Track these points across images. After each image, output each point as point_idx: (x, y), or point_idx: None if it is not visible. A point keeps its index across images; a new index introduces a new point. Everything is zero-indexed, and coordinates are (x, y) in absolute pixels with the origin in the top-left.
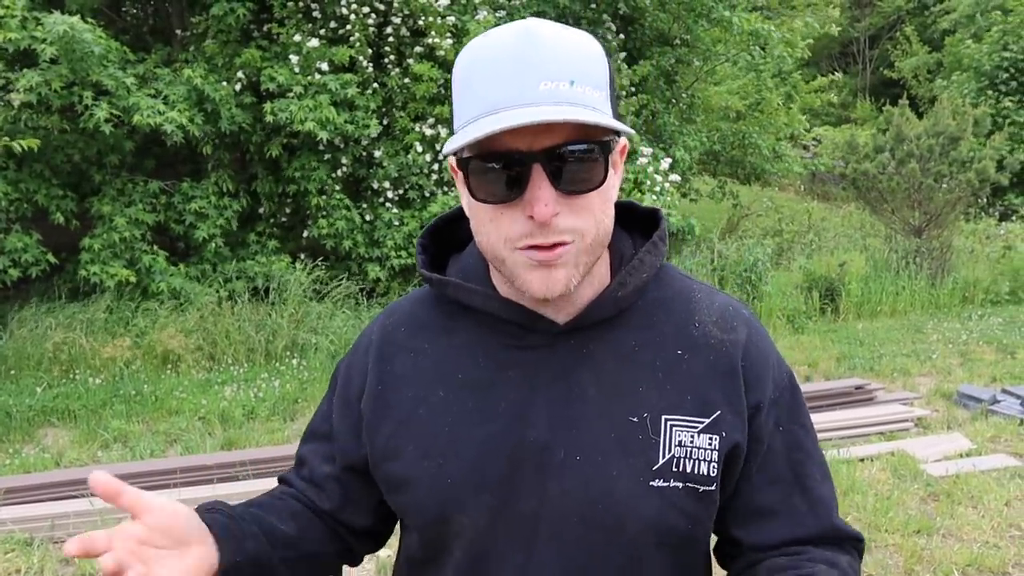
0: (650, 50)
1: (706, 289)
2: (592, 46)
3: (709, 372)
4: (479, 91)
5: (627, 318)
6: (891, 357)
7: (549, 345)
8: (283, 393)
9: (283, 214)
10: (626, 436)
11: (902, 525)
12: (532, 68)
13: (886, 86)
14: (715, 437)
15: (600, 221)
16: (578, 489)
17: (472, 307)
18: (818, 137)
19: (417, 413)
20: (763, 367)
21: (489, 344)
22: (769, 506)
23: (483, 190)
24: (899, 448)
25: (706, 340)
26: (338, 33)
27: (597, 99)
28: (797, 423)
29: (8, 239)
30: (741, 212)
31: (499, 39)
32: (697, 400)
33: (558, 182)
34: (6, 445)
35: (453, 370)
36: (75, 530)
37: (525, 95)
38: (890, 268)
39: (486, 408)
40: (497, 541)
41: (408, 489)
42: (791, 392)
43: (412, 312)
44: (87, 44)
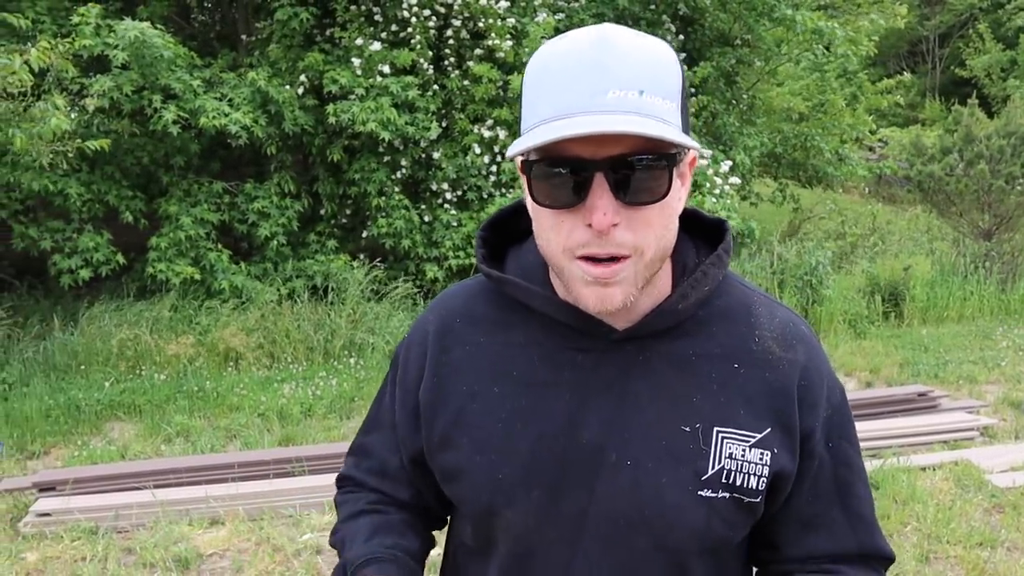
0: (710, 51)
1: (766, 301)
2: (666, 55)
3: (765, 389)
4: (549, 94)
5: (685, 328)
6: (957, 364)
7: (606, 350)
8: (340, 392)
9: (343, 215)
10: (677, 444)
11: (964, 537)
12: (603, 75)
13: (957, 85)
14: (766, 453)
15: (661, 236)
16: (627, 493)
17: (530, 307)
18: (884, 139)
19: (471, 407)
20: (819, 388)
21: (545, 345)
22: (810, 518)
23: (545, 194)
24: (963, 457)
25: (764, 356)
26: (399, 36)
27: (666, 109)
28: (845, 439)
29: (80, 239)
30: (803, 215)
31: (574, 43)
32: (750, 415)
33: (620, 192)
34: (75, 437)
35: (509, 367)
36: (138, 520)
37: (594, 102)
38: (958, 272)
39: (540, 408)
40: (543, 538)
41: (461, 480)
42: (841, 409)
43: (467, 305)
44: (156, 49)
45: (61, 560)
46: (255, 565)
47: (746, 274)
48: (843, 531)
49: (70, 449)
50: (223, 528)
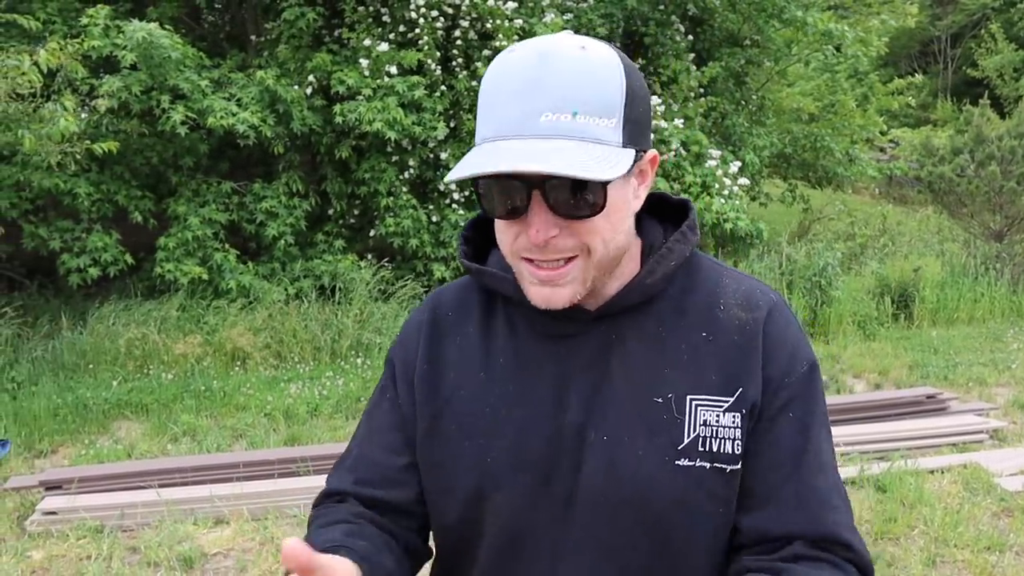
0: (719, 51)
1: (735, 275)
2: (607, 67)
3: (733, 351)
4: (490, 112)
5: (656, 304)
6: (967, 366)
7: (582, 332)
8: (347, 392)
9: (351, 215)
10: (651, 416)
11: (972, 541)
12: (538, 96)
13: (969, 86)
14: (738, 415)
15: (609, 240)
16: (605, 469)
17: (509, 296)
18: (895, 139)
19: (459, 394)
20: (780, 343)
21: (527, 331)
22: (761, 492)
23: (491, 206)
24: (972, 460)
25: (730, 322)
26: (407, 37)
27: (602, 128)
28: (809, 412)
29: (90, 239)
30: (812, 216)
31: (519, 60)
32: (721, 379)
33: (556, 208)
34: (82, 436)
35: (495, 355)
36: (143, 519)
37: (527, 125)
38: (968, 274)
39: (525, 392)
40: (533, 521)
41: (448, 467)
42: (808, 379)
43: (458, 298)
44: (164, 50)
45: (66, 559)
46: (259, 565)
47: (755, 274)
48: (790, 508)
49: (77, 448)
50: (227, 528)
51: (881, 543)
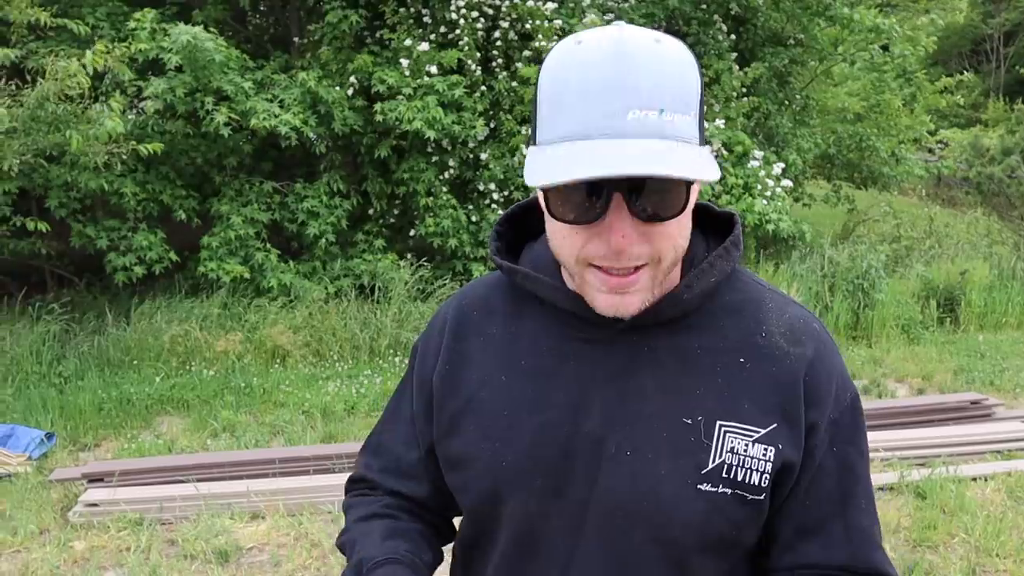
0: (762, 51)
1: (779, 298)
2: (684, 62)
3: (770, 383)
4: (568, 109)
5: (693, 321)
6: (1014, 372)
7: (611, 341)
8: (384, 390)
9: (391, 214)
10: (678, 437)
11: (1015, 550)
12: (622, 94)
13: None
14: (770, 449)
15: (678, 245)
16: (625, 484)
17: (539, 297)
18: (944, 140)
19: (479, 395)
20: (827, 384)
21: (553, 334)
22: (806, 524)
23: (561, 211)
24: (1016, 468)
25: (771, 351)
26: (447, 37)
27: (686, 126)
28: (853, 446)
29: (135, 237)
30: (857, 217)
31: (591, 53)
32: (755, 409)
33: (638, 211)
34: (126, 430)
35: (517, 357)
36: (181, 513)
37: (613, 125)
38: (1017, 277)
39: (544, 396)
40: (545, 527)
41: (466, 467)
42: (852, 413)
43: (485, 296)
44: (209, 53)
45: (107, 550)
46: (293, 559)
47: (796, 277)
48: (838, 542)
49: (120, 442)
50: (263, 522)
51: (920, 550)
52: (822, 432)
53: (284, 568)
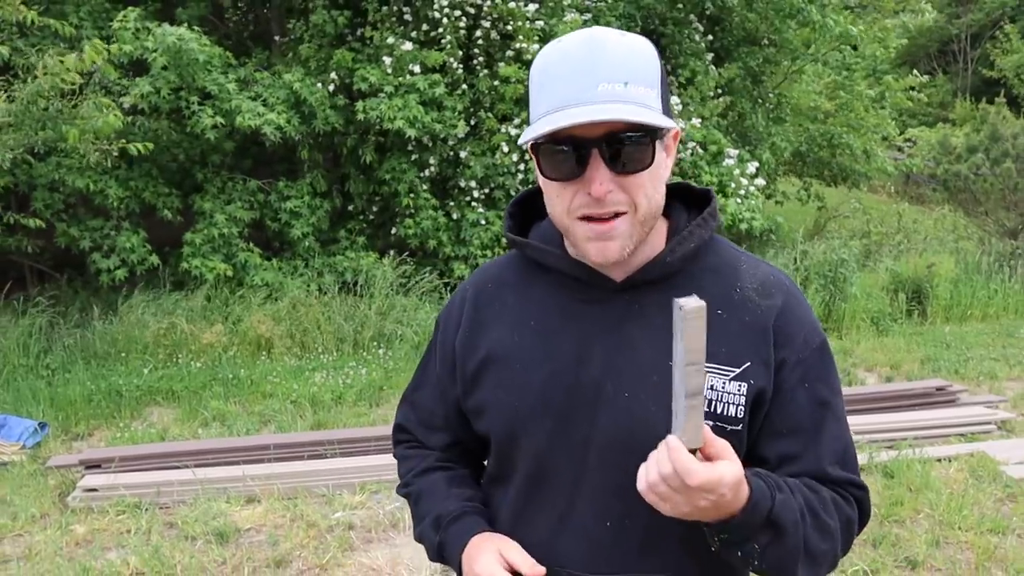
0: (737, 50)
1: (752, 260)
2: (646, 49)
3: (743, 330)
4: (550, 90)
5: (677, 281)
6: (978, 361)
7: (607, 300)
8: (370, 380)
9: (372, 212)
10: (665, 379)
11: (976, 524)
12: (593, 71)
13: (988, 86)
14: (743, 384)
15: (651, 197)
16: (622, 421)
17: (546, 266)
18: (913, 138)
19: (496, 353)
20: (796, 329)
21: (558, 298)
22: (786, 450)
23: (552, 169)
24: (979, 450)
25: (744, 303)
26: (430, 36)
27: (648, 96)
28: (823, 383)
29: (118, 238)
30: (828, 214)
31: (568, 46)
32: (730, 352)
33: (612, 164)
34: (117, 420)
35: (528, 319)
36: (179, 497)
37: (587, 94)
38: (982, 271)
39: (551, 350)
40: (554, 462)
41: (487, 414)
42: (820, 355)
43: (499, 272)
44: (193, 52)
45: (108, 532)
46: (290, 539)
47: None
48: (812, 459)
49: (112, 431)
50: (259, 505)
51: (887, 525)
52: (790, 368)
53: (282, 547)
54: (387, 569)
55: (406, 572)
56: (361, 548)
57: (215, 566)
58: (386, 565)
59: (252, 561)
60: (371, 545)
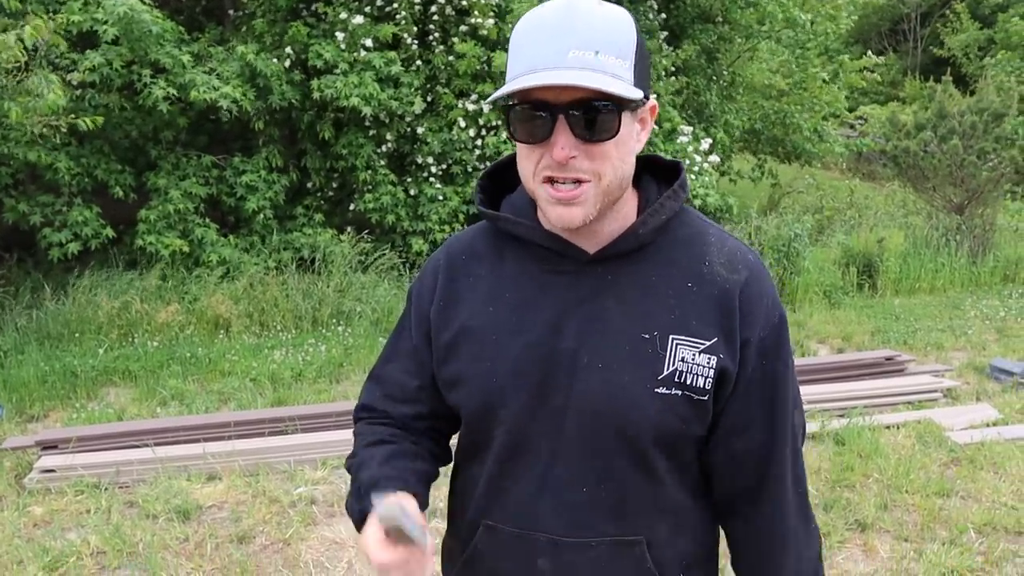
0: (692, 28)
1: (719, 233)
2: (622, 21)
3: (712, 304)
4: (524, 54)
5: (648, 252)
6: (926, 332)
7: (580, 272)
8: (329, 357)
9: (330, 188)
10: (638, 349)
11: (922, 487)
12: (565, 37)
13: (937, 64)
14: (713, 358)
15: (617, 167)
16: (596, 389)
17: (518, 237)
18: (864, 116)
19: (470, 324)
20: (758, 305)
21: (532, 270)
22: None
23: (520, 131)
24: (925, 417)
25: (712, 277)
26: (384, 11)
27: (618, 66)
28: (779, 360)
29: (70, 213)
30: (781, 191)
31: (545, 11)
32: (700, 325)
33: (577, 131)
34: (73, 401)
35: (502, 291)
36: (138, 476)
37: (557, 59)
38: (930, 245)
39: (526, 321)
40: (531, 431)
41: (462, 385)
42: (778, 331)
43: (471, 243)
44: (145, 24)
45: (67, 512)
46: (253, 515)
47: None
48: (759, 431)
49: (68, 412)
50: (221, 483)
51: (838, 490)
52: (752, 348)
53: (245, 523)
54: (350, 542)
55: None
56: (324, 522)
57: (177, 543)
58: (349, 539)
59: (215, 537)
60: (333, 519)
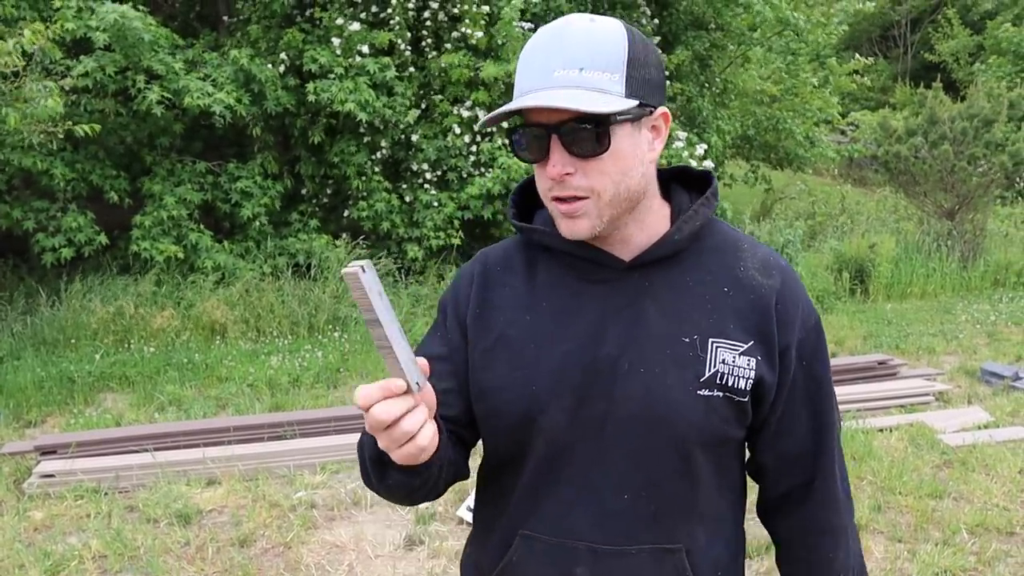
0: (685, 35)
1: (751, 241)
2: (612, 34)
3: (749, 308)
4: (521, 76)
5: (683, 259)
6: (918, 336)
7: (617, 279)
8: (326, 363)
9: (325, 195)
10: (680, 353)
11: (915, 489)
12: (552, 57)
13: (927, 70)
14: (752, 359)
15: (618, 181)
16: (639, 394)
17: (552, 248)
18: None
19: (508, 332)
20: (793, 309)
21: (567, 279)
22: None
23: (521, 153)
24: (918, 420)
25: (749, 282)
26: (379, 17)
27: (605, 80)
28: (818, 360)
29: (64, 219)
30: (774, 196)
31: (541, 35)
32: (738, 328)
33: (570, 148)
34: (70, 407)
35: (539, 300)
36: (138, 481)
37: (544, 80)
38: (921, 250)
39: (566, 330)
40: (573, 439)
41: (499, 394)
42: (816, 333)
43: (505, 255)
44: (138, 31)
45: (67, 517)
46: (253, 519)
47: None
48: (805, 430)
49: (66, 418)
50: (220, 487)
51: None
52: (792, 351)
53: (245, 527)
54: (350, 545)
55: (369, 548)
56: (324, 526)
57: (178, 547)
58: (349, 542)
59: (216, 541)
60: (333, 523)
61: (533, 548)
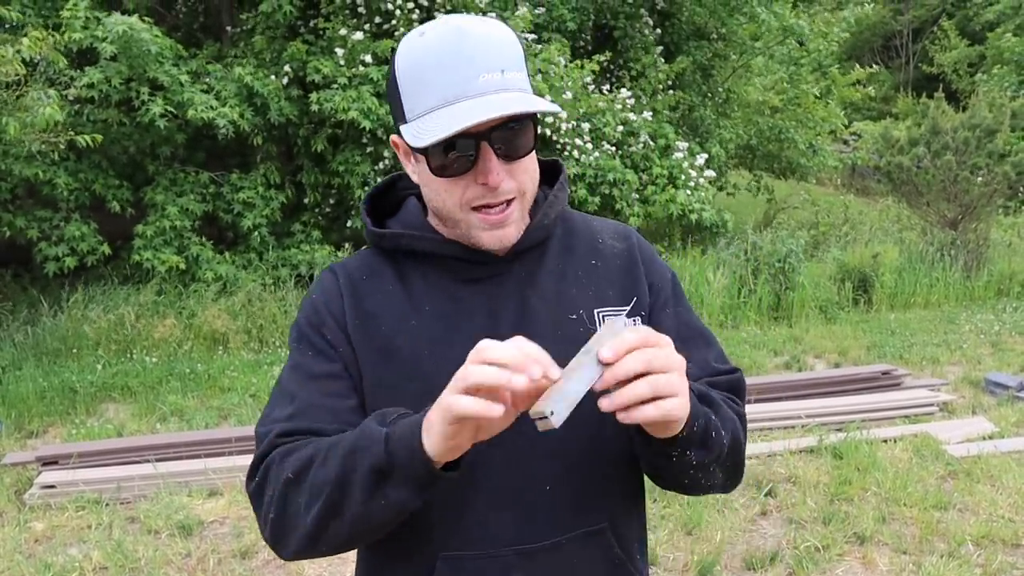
0: (687, 44)
1: (599, 218)
2: (509, 34)
3: (619, 272)
4: (429, 84)
5: (550, 246)
6: (921, 346)
7: (498, 273)
8: None
9: (327, 205)
10: (570, 332)
11: (920, 500)
12: (471, 63)
13: (929, 80)
14: (636, 319)
15: (534, 177)
16: None
17: (420, 252)
18: (858, 132)
19: (395, 343)
20: (651, 262)
21: (444, 282)
22: None
23: (444, 167)
24: (922, 431)
25: (610, 251)
26: (383, 28)
27: (522, 80)
28: (682, 306)
29: (67, 228)
30: (777, 206)
31: (437, 37)
32: (617, 292)
33: (501, 153)
34: (72, 417)
35: (420, 304)
36: (140, 492)
37: (470, 87)
38: (924, 260)
39: (458, 331)
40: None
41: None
42: (674, 283)
43: (364, 264)
44: (144, 43)
45: (68, 528)
46: (255, 530)
47: (721, 262)
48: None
49: (67, 428)
50: (222, 498)
51: (837, 503)
52: (658, 293)
53: (247, 538)
54: (351, 556)
55: None
56: None
57: (180, 558)
58: (352, 552)
59: (217, 553)
60: None
61: (459, 569)
